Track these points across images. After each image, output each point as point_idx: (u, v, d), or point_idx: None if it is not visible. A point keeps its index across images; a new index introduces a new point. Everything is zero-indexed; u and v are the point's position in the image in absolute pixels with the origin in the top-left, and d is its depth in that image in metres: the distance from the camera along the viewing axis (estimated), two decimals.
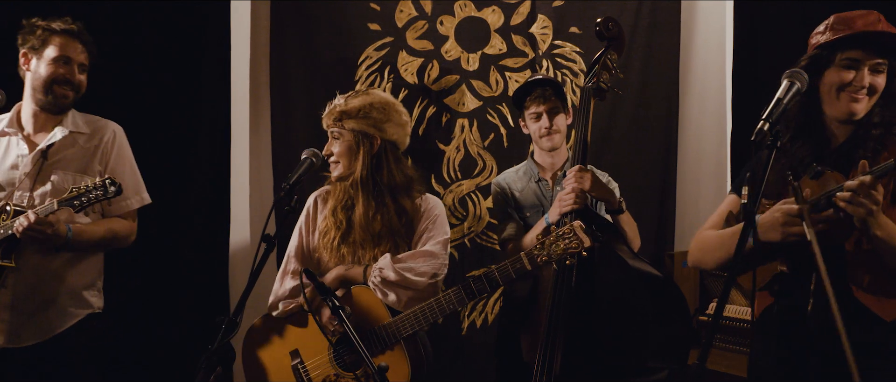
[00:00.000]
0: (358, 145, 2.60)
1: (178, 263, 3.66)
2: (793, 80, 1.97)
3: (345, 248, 2.61)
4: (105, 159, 2.76)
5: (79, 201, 2.49)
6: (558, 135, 3.00)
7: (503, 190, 3.09)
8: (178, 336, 3.56)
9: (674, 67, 3.68)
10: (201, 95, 3.69)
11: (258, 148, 3.75)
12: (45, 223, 2.49)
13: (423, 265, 2.52)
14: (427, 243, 2.58)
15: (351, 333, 2.07)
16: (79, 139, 2.73)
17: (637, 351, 2.52)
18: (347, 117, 2.60)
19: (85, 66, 2.73)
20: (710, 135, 3.69)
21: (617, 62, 2.84)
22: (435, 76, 3.69)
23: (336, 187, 2.66)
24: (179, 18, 3.63)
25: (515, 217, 3.03)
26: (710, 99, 3.69)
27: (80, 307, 2.73)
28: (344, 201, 2.63)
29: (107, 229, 2.74)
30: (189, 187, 3.68)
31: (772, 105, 1.91)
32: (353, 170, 2.60)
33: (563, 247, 2.29)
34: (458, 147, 3.72)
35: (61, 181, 2.65)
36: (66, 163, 2.69)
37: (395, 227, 2.59)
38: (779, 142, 1.87)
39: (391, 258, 2.52)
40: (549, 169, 3.06)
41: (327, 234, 2.63)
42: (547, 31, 3.69)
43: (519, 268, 2.35)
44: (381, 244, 2.58)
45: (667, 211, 3.68)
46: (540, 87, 3.02)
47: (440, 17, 3.70)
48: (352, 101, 2.63)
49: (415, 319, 2.45)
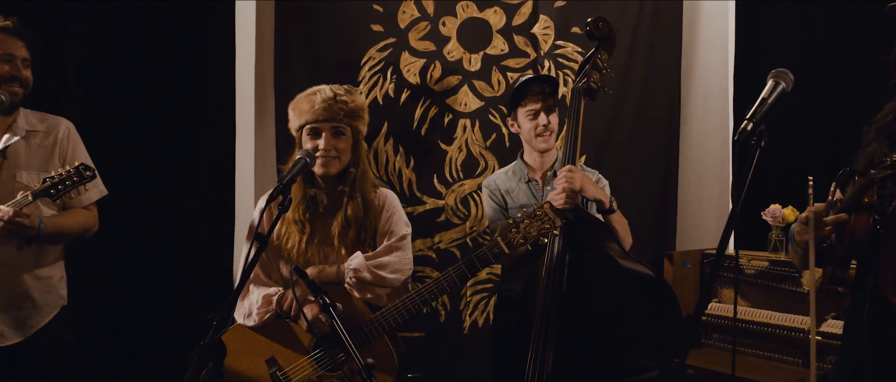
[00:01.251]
0: (356, 142, 2.65)
1: (181, 261, 3.70)
2: (778, 80, 1.98)
3: (311, 249, 2.62)
4: (63, 155, 2.77)
5: (54, 190, 2.52)
6: (552, 135, 3.01)
7: (493, 192, 3.10)
8: (180, 334, 3.59)
9: (676, 66, 3.67)
10: (206, 95, 3.72)
11: (263, 148, 3.78)
12: (22, 216, 2.52)
13: (397, 263, 2.56)
14: (392, 238, 2.62)
15: (341, 331, 2.09)
16: (34, 138, 2.74)
17: (628, 351, 2.53)
18: (353, 116, 2.62)
19: (28, 60, 2.70)
20: (713, 135, 3.69)
21: (607, 62, 2.84)
22: (437, 77, 3.72)
23: (295, 190, 2.61)
24: (184, 19, 3.66)
25: (507, 218, 3.04)
26: (713, 99, 3.68)
27: (54, 299, 2.75)
28: (306, 202, 2.63)
29: (74, 220, 2.77)
30: (193, 186, 3.71)
31: (756, 104, 1.92)
32: (347, 166, 2.63)
33: (537, 227, 2.39)
34: (460, 147, 3.74)
35: (29, 180, 2.67)
36: (28, 161, 2.71)
37: (361, 221, 2.62)
38: (762, 141, 1.87)
39: (363, 256, 2.55)
40: (538, 169, 3.07)
41: (290, 238, 2.63)
42: (549, 32, 3.70)
43: (497, 252, 2.42)
44: (350, 240, 2.61)
45: (668, 211, 3.68)
46: (538, 83, 3.01)
47: (442, 17, 3.72)
48: (353, 99, 2.65)
49: (397, 312, 2.47)
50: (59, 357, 2.75)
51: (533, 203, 2.98)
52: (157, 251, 3.47)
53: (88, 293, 3.17)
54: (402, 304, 2.48)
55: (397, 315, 2.48)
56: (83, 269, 3.08)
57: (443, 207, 3.72)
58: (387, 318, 2.48)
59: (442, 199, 3.73)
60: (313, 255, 2.62)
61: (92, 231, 2.85)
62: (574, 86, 2.84)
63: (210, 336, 2.01)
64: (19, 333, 2.68)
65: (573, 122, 2.77)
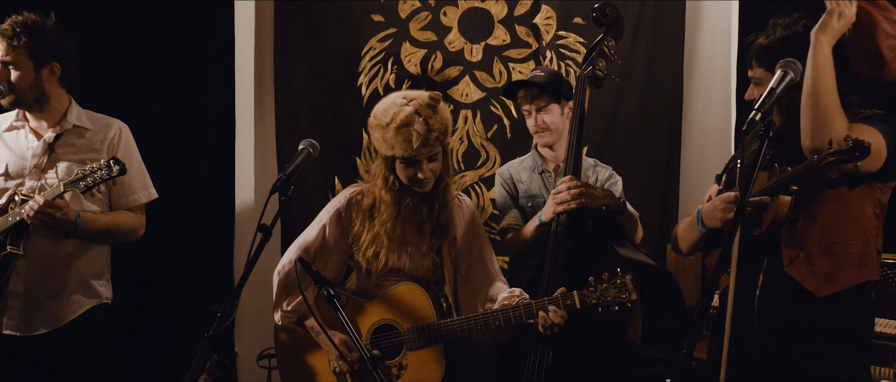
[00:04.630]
0: (444, 152, 2.63)
1: (183, 255, 3.69)
2: (787, 70, 1.97)
3: (391, 255, 2.61)
4: (112, 153, 2.78)
5: (84, 183, 2.53)
6: (548, 132, 2.97)
7: (506, 181, 3.09)
8: (182, 327, 3.60)
9: (678, 58, 3.65)
10: (205, 87, 3.71)
11: (263, 139, 3.77)
12: (53, 206, 2.53)
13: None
14: (490, 263, 2.70)
15: (343, 318, 2.09)
16: (85, 134, 2.77)
17: (630, 343, 2.52)
18: (445, 135, 2.58)
19: (17, 63, 2.65)
20: (715, 127, 3.66)
21: (615, 49, 2.80)
22: (438, 67, 3.70)
23: (390, 206, 2.61)
24: (183, 10, 3.65)
25: (517, 207, 3.03)
26: (715, 90, 3.67)
27: (89, 296, 2.76)
28: (398, 209, 2.63)
29: (114, 219, 2.78)
30: (194, 179, 3.71)
31: (764, 95, 1.92)
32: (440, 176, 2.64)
33: (614, 296, 2.42)
34: (461, 138, 3.72)
35: (68, 170, 2.68)
36: (73, 154, 2.73)
37: (444, 227, 2.65)
38: (771, 132, 1.87)
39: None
40: (552, 161, 3.05)
41: (373, 248, 2.60)
42: (550, 22, 3.68)
43: (569, 304, 2.45)
44: (433, 243, 2.64)
45: (670, 203, 3.67)
46: (524, 87, 2.99)
47: (443, 7, 3.70)
48: (443, 119, 2.57)
49: (459, 327, 2.51)
50: (87, 351, 2.76)
51: (543, 195, 2.96)
52: (159, 243, 3.46)
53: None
54: (466, 321, 2.52)
55: (459, 328, 2.52)
56: None
57: None
58: (447, 327, 2.53)
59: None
60: (394, 261, 2.61)
61: (138, 234, 2.85)
62: (579, 73, 2.81)
63: (215, 328, 2.00)
64: (49, 324, 2.69)
65: (577, 110, 2.74)
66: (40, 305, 2.68)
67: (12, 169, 2.71)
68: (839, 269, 2.12)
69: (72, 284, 2.72)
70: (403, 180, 2.59)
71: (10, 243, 2.61)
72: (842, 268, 2.12)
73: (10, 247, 2.61)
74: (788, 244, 2.16)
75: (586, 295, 2.43)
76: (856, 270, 2.12)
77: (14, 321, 2.66)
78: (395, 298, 2.59)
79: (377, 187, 2.63)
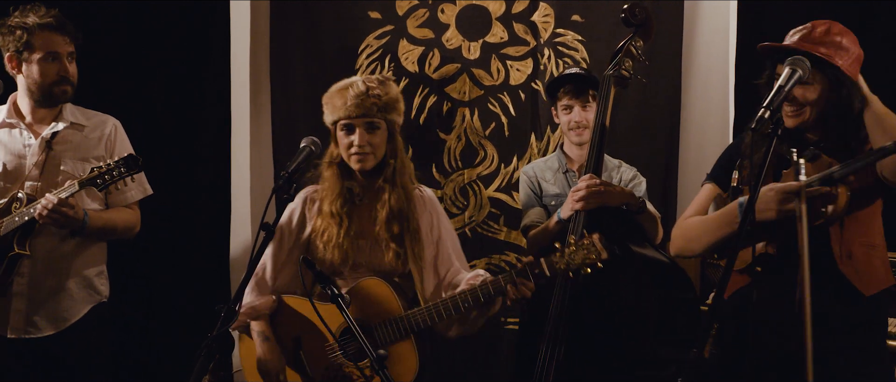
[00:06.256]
0: (391, 134, 2.59)
1: (178, 253, 3.67)
2: (794, 67, 1.96)
3: (347, 242, 2.56)
4: (110, 150, 2.76)
5: (101, 180, 2.49)
6: (587, 130, 2.95)
7: (530, 179, 3.09)
8: (178, 326, 3.57)
9: (676, 58, 3.64)
10: (202, 84, 3.69)
11: (259, 137, 3.74)
12: (67, 205, 2.50)
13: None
14: (453, 252, 2.63)
15: (350, 321, 2.07)
16: (81, 130, 2.74)
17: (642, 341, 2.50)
18: (388, 109, 2.56)
19: (73, 54, 2.69)
20: (713, 127, 3.66)
21: (643, 50, 2.78)
22: (436, 65, 3.68)
23: (332, 183, 2.59)
24: (180, 7, 3.63)
25: (540, 205, 3.03)
26: (713, 90, 3.66)
27: (90, 294, 2.75)
28: (343, 194, 2.58)
29: (112, 217, 2.75)
30: (190, 177, 3.69)
31: (773, 92, 1.91)
32: (384, 159, 2.58)
33: (582, 257, 2.33)
34: (458, 136, 3.71)
35: (73, 168, 2.66)
36: (73, 151, 2.70)
37: (405, 214, 2.58)
38: (780, 129, 1.87)
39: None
40: (577, 161, 3.05)
41: (327, 231, 2.57)
42: (549, 20, 3.66)
43: (538, 273, 2.37)
44: (393, 233, 2.56)
45: (669, 204, 3.67)
46: (574, 82, 2.98)
47: (441, 5, 3.68)
48: (387, 90, 2.57)
49: (428, 314, 2.44)
50: (90, 351, 2.74)
51: (566, 195, 2.94)
52: (155, 241, 3.43)
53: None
54: (433, 307, 2.43)
55: (428, 317, 2.44)
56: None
57: (441, 197, 3.68)
58: (415, 319, 2.45)
59: (440, 188, 3.69)
60: (349, 248, 2.55)
61: (135, 231, 2.83)
62: (605, 73, 2.79)
63: (218, 328, 1.98)
64: (53, 326, 2.67)
65: (601, 110, 2.72)
66: (43, 305, 2.65)
67: (10, 168, 2.67)
68: (876, 270, 2.18)
69: (73, 282, 2.70)
70: (343, 156, 2.56)
71: (17, 243, 2.57)
72: (878, 269, 2.18)
73: (18, 248, 2.57)
74: (837, 241, 2.15)
75: (555, 261, 2.35)
76: (887, 272, 2.19)
77: (20, 324, 2.63)
78: (359, 294, 2.49)
79: (322, 167, 2.61)
